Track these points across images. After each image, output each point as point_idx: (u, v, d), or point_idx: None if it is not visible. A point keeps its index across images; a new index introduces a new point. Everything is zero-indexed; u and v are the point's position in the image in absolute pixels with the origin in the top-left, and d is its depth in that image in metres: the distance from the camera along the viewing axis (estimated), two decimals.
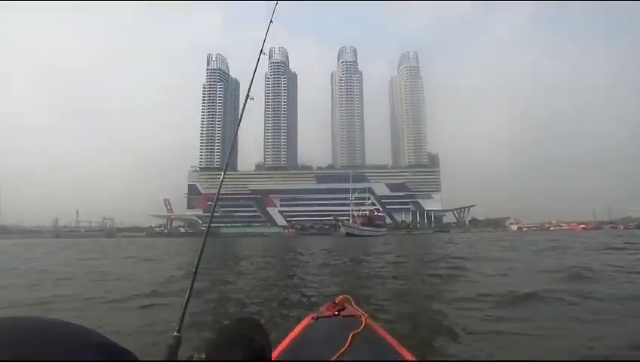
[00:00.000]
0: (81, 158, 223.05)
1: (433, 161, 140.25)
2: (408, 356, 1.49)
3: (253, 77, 2.31)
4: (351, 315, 1.93)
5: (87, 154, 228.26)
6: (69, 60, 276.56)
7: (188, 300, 1.21)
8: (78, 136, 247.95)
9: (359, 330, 1.65)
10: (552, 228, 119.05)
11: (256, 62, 2.33)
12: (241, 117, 2.06)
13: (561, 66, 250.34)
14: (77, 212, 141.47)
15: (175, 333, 1.04)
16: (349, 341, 1.55)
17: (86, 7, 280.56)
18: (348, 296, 2.14)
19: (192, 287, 1.26)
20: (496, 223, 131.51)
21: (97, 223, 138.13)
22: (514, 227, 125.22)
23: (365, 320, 1.79)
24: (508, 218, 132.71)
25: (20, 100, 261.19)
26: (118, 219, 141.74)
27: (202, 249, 1.37)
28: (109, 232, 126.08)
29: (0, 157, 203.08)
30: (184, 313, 1.17)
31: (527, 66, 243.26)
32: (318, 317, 1.93)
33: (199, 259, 1.34)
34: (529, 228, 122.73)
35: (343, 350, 1.49)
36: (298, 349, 1.64)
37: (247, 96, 2.17)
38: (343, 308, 2.03)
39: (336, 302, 2.09)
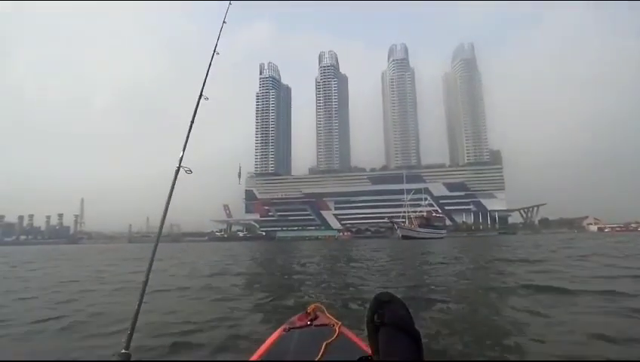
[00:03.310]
0: (150, 166, 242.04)
1: (495, 158, 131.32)
2: None
3: (206, 77, 2.35)
4: (324, 324, 1.88)
5: (155, 162, 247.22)
6: (138, 76, 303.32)
7: (137, 313, 1.09)
8: (146, 145, 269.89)
9: (332, 339, 1.63)
10: None
11: (209, 63, 2.39)
12: (194, 117, 2.12)
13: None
14: (147, 219, 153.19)
15: (123, 350, 0.92)
16: (322, 350, 1.53)
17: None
18: (320, 305, 2.11)
19: (141, 299, 1.13)
20: (572, 223, 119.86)
21: (165, 229, 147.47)
22: (593, 227, 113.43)
23: (338, 328, 1.76)
24: (585, 218, 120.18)
25: (97, 114, 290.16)
26: (183, 225, 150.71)
27: (152, 258, 1.26)
28: (175, 237, 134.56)
29: (83, 172, 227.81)
30: (133, 327, 1.04)
31: (603, 52, 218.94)
32: (290, 328, 1.88)
33: (149, 267, 1.23)
34: (612, 228, 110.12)
35: (316, 360, 1.48)
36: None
37: (200, 95, 2.16)
38: (316, 317, 1.98)
39: (309, 311, 2.05)
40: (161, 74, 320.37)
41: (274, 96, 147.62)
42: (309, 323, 1.93)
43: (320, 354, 1.51)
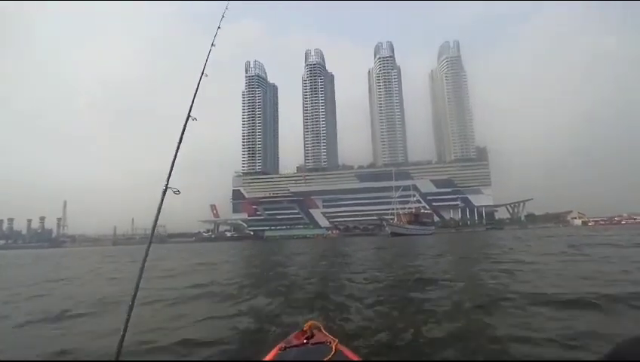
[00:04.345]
0: (135, 167, 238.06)
1: (481, 154, 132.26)
2: None
3: (194, 98, 2.18)
4: (321, 342, 1.82)
5: (141, 163, 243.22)
6: (120, 75, 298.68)
7: (128, 320, 1.04)
8: (129, 146, 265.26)
9: (330, 357, 1.57)
10: (623, 222, 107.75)
11: (197, 85, 2.28)
12: (182, 138, 2.00)
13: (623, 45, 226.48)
14: (132, 220, 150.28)
15: (113, 359, 0.89)
16: None
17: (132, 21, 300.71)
18: (316, 322, 2.04)
19: (132, 305, 1.07)
20: (557, 218, 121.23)
21: (150, 230, 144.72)
22: (577, 221, 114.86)
23: (335, 345, 1.69)
24: (570, 212, 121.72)
25: (73, 113, 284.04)
26: (169, 226, 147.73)
27: (144, 262, 1.19)
28: (161, 239, 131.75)
29: (65, 174, 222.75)
30: (124, 335, 1.00)
31: (587, 48, 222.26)
32: (286, 347, 1.82)
33: (140, 273, 1.15)
34: (596, 222, 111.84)
35: None
36: None
37: (189, 115, 2.04)
38: (312, 335, 1.92)
39: (305, 329, 1.98)
40: (147, 74, 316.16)
41: (260, 95, 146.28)
42: (305, 341, 1.86)
43: None
